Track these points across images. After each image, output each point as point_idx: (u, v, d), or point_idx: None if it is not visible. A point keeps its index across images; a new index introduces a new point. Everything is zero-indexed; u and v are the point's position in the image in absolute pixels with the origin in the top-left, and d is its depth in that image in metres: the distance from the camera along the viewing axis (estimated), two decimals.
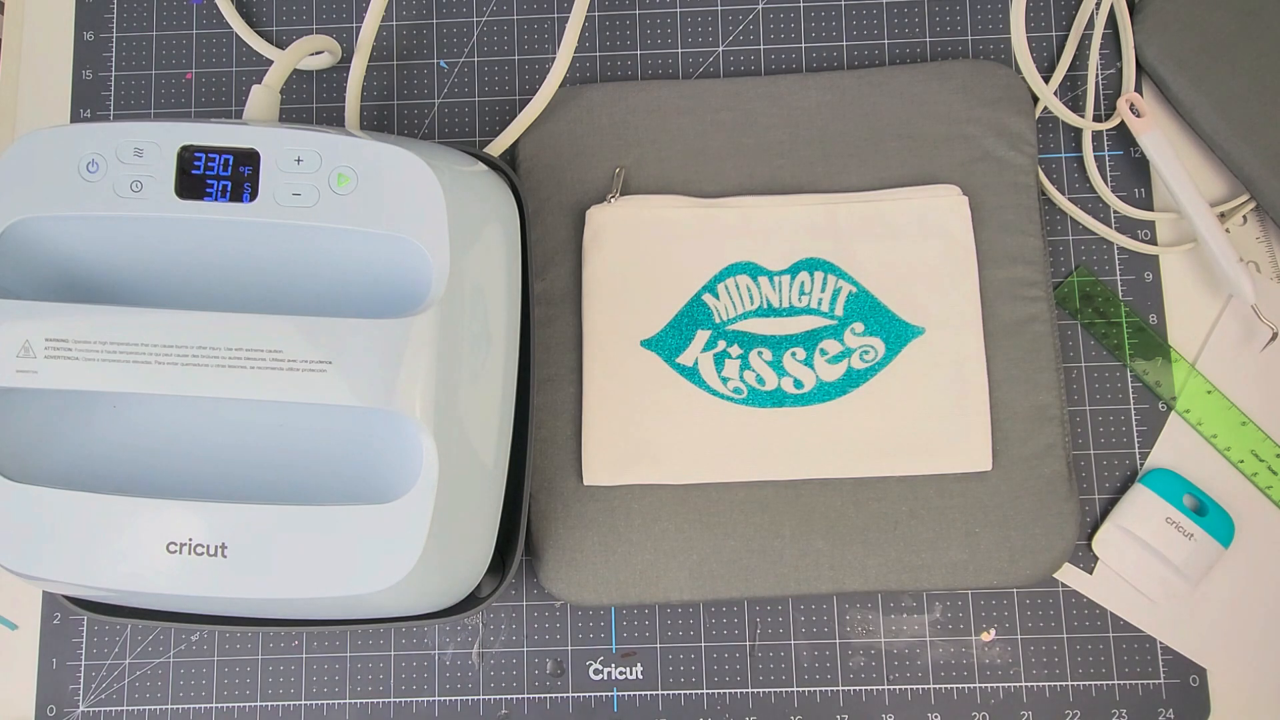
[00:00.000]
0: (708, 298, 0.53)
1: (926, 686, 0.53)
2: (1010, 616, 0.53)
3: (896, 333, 0.52)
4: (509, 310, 0.46)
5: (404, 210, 0.43)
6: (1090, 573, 0.53)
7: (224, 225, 0.43)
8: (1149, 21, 0.55)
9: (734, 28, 0.58)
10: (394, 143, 0.44)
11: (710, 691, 0.53)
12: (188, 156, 0.43)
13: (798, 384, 0.52)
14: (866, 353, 0.52)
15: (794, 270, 0.53)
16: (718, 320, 0.53)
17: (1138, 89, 0.57)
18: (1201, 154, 0.57)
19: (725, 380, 0.52)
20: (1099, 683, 0.52)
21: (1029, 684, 0.52)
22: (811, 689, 0.53)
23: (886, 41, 0.58)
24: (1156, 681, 0.52)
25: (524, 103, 0.56)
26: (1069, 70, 0.57)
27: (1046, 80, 0.56)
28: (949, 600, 0.53)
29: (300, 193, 0.43)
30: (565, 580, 0.52)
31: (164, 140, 0.43)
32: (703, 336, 0.53)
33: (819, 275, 0.53)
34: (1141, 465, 0.54)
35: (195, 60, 0.59)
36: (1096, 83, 0.57)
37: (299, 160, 0.43)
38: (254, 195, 0.43)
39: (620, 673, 0.53)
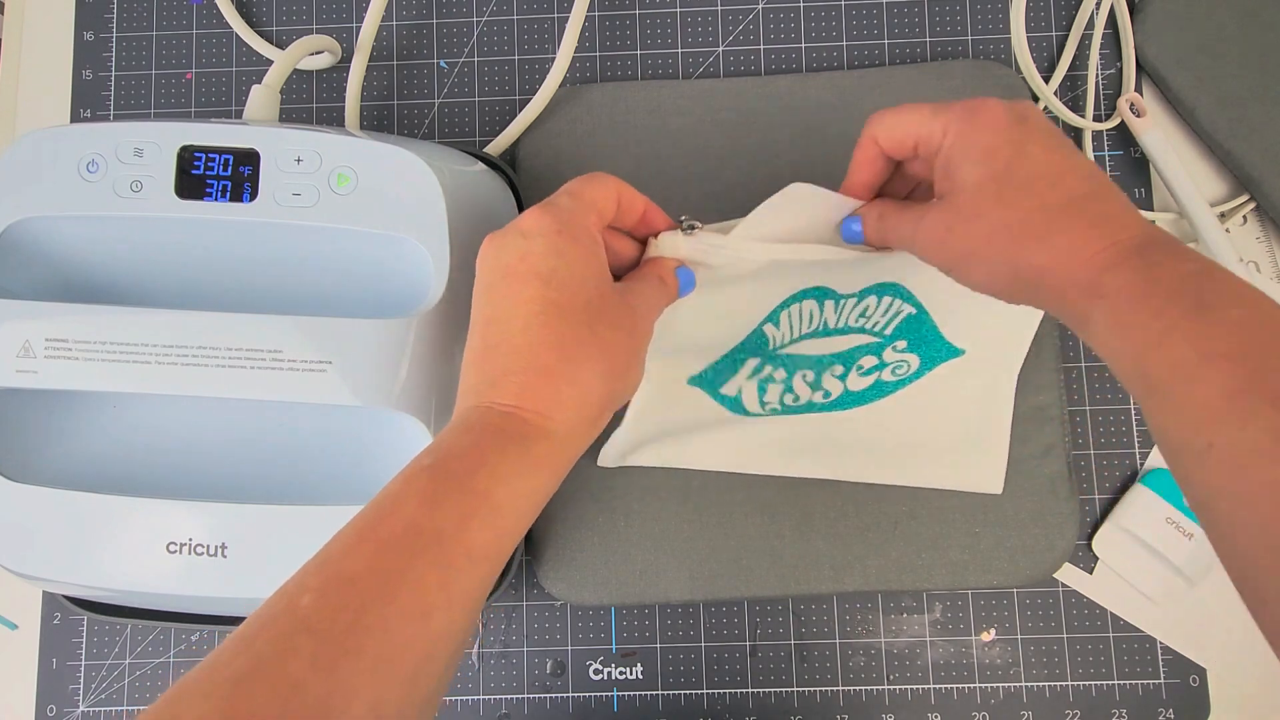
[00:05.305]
0: (768, 327, 0.48)
1: (926, 686, 0.53)
2: (1010, 616, 0.53)
3: (935, 350, 0.50)
4: None
5: (404, 210, 0.43)
6: (1090, 573, 0.53)
7: (224, 225, 0.43)
8: (1149, 21, 0.55)
9: (734, 28, 0.58)
10: (394, 143, 0.44)
11: (710, 691, 0.53)
12: (188, 156, 0.43)
13: (826, 394, 0.51)
14: (900, 367, 0.50)
15: (862, 295, 0.48)
16: (772, 346, 0.50)
17: (1138, 89, 0.56)
18: (1201, 154, 0.57)
19: (765, 405, 0.51)
20: (1099, 683, 0.52)
21: (1029, 684, 0.52)
22: (811, 689, 0.53)
23: (886, 41, 0.57)
24: (1156, 681, 0.52)
25: (524, 103, 0.56)
26: (1069, 70, 0.57)
27: (1046, 80, 0.56)
28: (949, 600, 0.53)
29: (300, 193, 0.43)
30: (565, 580, 0.52)
31: (164, 140, 0.43)
32: (751, 364, 0.50)
33: (886, 299, 0.48)
34: (1141, 465, 0.54)
35: (195, 60, 0.59)
36: (1096, 83, 0.57)
37: (299, 160, 0.43)
38: (254, 195, 0.43)
39: (620, 673, 0.53)
